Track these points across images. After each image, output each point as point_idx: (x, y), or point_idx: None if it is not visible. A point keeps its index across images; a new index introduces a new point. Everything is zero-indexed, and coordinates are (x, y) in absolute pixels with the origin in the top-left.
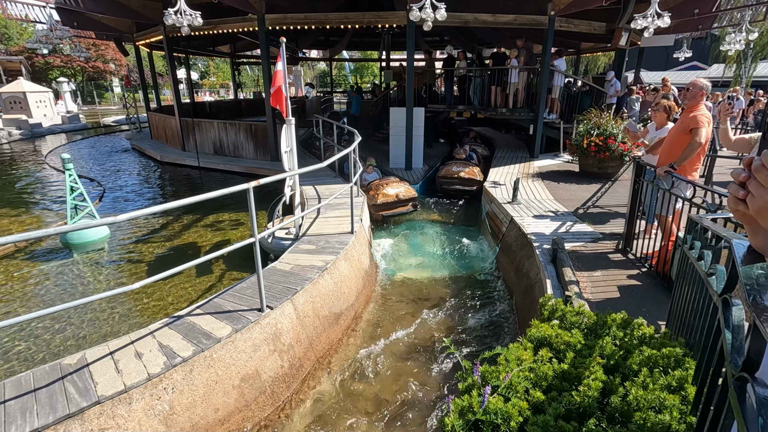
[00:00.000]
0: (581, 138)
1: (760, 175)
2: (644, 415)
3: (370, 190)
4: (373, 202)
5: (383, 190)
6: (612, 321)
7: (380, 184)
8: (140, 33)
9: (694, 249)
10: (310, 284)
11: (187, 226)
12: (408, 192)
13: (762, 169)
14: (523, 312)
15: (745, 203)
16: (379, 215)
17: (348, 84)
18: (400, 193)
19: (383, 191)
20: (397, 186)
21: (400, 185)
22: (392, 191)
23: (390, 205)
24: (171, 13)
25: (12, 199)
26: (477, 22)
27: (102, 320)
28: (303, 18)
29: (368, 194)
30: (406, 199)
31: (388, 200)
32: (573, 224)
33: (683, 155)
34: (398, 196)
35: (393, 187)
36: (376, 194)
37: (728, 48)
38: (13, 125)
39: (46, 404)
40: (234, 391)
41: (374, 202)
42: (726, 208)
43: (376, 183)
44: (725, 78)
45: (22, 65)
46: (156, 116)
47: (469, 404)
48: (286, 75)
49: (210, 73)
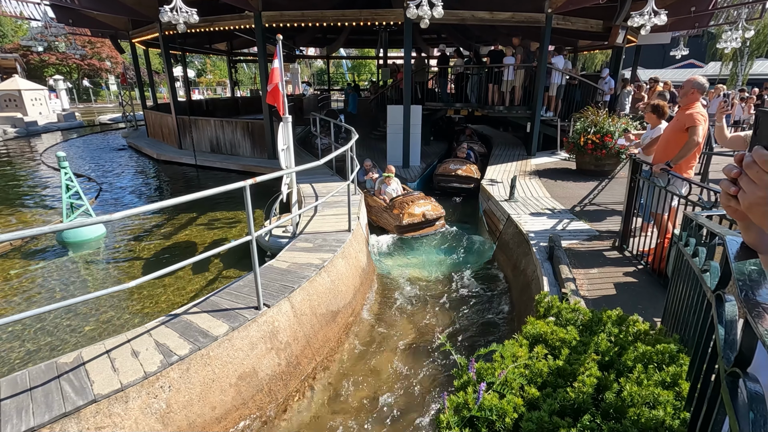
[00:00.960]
0: (578, 136)
1: (750, 171)
2: (638, 410)
3: (394, 207)
4: (398, 223)
5: (408, 209)
6: (607, 318)
7: (404, 202)
8: (136, 30)
9: (689, 246)
10: (308, 282)
11: (184, 224)
12: (436, 210)
13: (753, 165)
14: (520, 309)
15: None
16: (404, 236)
17: (345, 82)
18: (427, 212)
19: (409, 210)
20: (423, 203)
21: (426, 202)
22: (418, 210)
23: (416, 226)
24: (167, 10)
25: (7, 197)
26: (474, 19)
27: (98, 318)
28: (300, 15)
29: (391, 212)
30: (433, 218)
31: (414, 220)
32: (570, 222)
33: (680, 153)
34: (425, 215)
35: (419, 204)
36: (401, 214)
37: (725, 46)
38: (8, 123)
39: (42, 403)
40: (231, 389)
41: (399, 222)
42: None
43: (399, 200)
44: (722, 76)
45: (17, 63)
46: (152, 114)
47: (465, 401)
48: (282, 73)
49: (207, 71)
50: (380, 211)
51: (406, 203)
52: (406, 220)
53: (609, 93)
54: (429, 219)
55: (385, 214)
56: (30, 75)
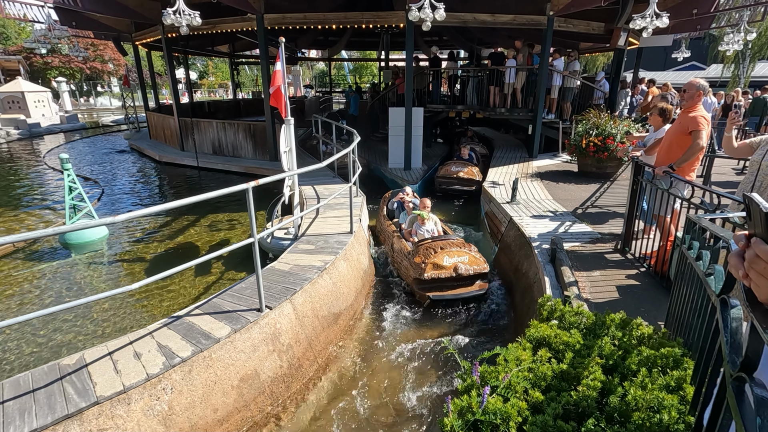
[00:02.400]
0: (580, 138)
1: (757, 266)
2: (643, 415)
3: (417, 254)
4: (418, 275)
5: (434, 258)
6: (611, 321)
7: (431, 247)
8: (139, 33)
9: (692, 249)
10: (309, 284)
11: (186, 226)
12: (475, 263)
13: (758, 261)
14: (522, 311)
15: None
16: (424, 296)
17: (347, 84)
18: (462, 265)
19: (434, 259)
20: (458, 252)
21: (463, 251)
22: (449, 261)
23: (443, 284)
24: (170, 13)
25: (10, 199)
26: (476, 22)
27: (100, 320)
28: (302, 18)
29: (412, 260)
30: (469, 275)
31: (441, 275)
32: (572, 224)
33: (684, 157)
34: (458, 269)
35: (452, 253)
36: (424, 264)
37: (726, 48)
38: (12, 125)
39: (45, 405)
40: (233, 391)
41: (419, 275)
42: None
43: (426, 244)
44: (723, 78)
45: (20, 65)
46: (155, 116)
47: (469, 404)
48: (285, 75)
49: (209, 73)
50: (402, 256)
51: (433, 249)
52: (429, 273)
53: (604, 96)
54: (463, 275)
55: (406, 261)
56: (33, 77)
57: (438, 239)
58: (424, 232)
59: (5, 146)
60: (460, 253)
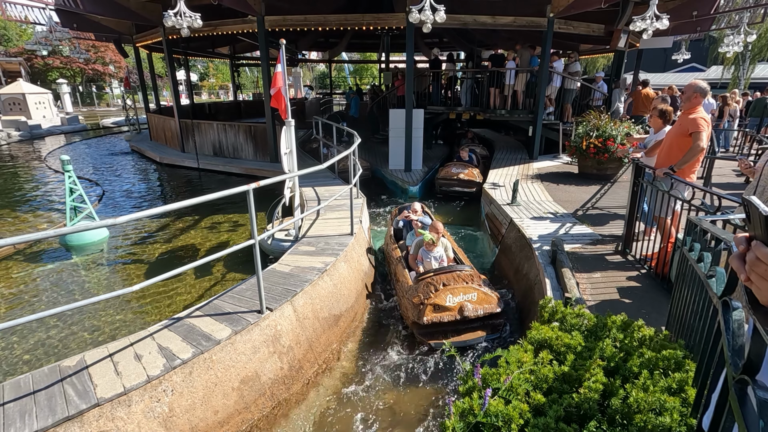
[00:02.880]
0: (580, 139)
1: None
2: (645, 417)
3: (417, 291)
4: (417, 319)
5: (436, 297)
6: (612, 323)
7: (433, 282)
8: (140, 34)
9: (693, 251)
10: (310, 286)
11: (187, 227)
12: (485, 302)
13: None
14: (523, 313)
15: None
16: (424, 342)
17: (347, 85)
18: (469, 305)
19: (436, 299)
20: (465, 289)
21: (471, 287)
22: (453, 300)
23: (446, 328)
24: (171, 15)
25: (11, 200)
26: (476, 23)
27: (101, 322)
28: (302, 20)
29: (411, 300)
30: (477, 316)
31: (444, 318)
32: (572, 226)
33: (684, 158)
34: (464, 310)
35: (458, 290)
36: (423, 305)
37: (726, 50)
38: (13, 126)
39: (45, 406)
40: (233, 393)
41: (418, 318)
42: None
43: (427, 280)
44: (724, 80)
45: (21, 66)
46: (155, 117)
47: (470, 406)
48: (285, 77)
49: (209, 75)
50: (403, 291)
51: (434, 287)
52: (428, 317)
53: (602, 98)
54: (470, 318)
55: (405, 299)
56: (34, 79)
57: (442, 272)
58: (431, 259)
59: (6, 148)
60: (467, 289)
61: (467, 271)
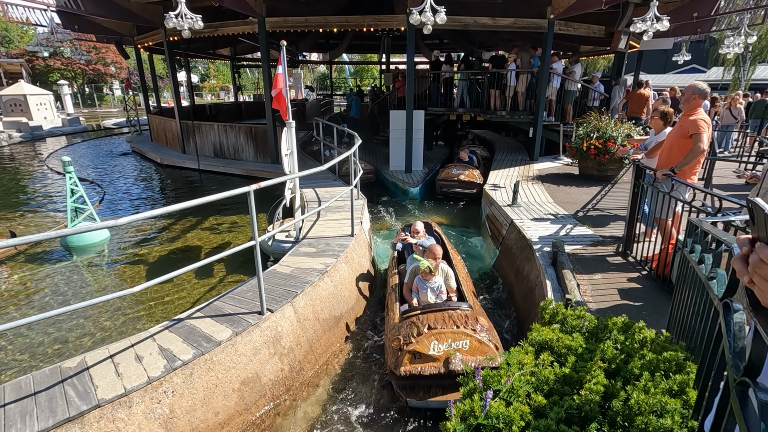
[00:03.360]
0: (581, 141)
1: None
2: (646, 419)
3: (397, 333)
4: (393, 367)
5: (414, 344)
6: (613, 324)
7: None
8: (141, 36)
9: (694, 252)
10: (310, 287)
11: (187, 228)
12: (480, 351)
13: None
14: (524, 315)
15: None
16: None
17: (347, 86)
18: (458, 354)
19: (418, 345)
20: (455, 334)
21: (463, 331)
22: (439, 348)
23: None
24: (172, 16)
25: (12, 201)
26: (477, 25)
27: (101, 323)
28: (303, 21)
29: (390, 344)
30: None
31: (423, 371)
32: (573, 227)
33: (685, 160)
34: (450, 363)
35: (444, 335)
36: (401, 351)
37: (727, 51)
38: (14, 128)
39: (46, 408)
40: (234, 394)
41: (395, 366)
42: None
43: (412, 319)
44: (724, 81)
45: (22, 68)
46: (156, 119)
47: (471, 408)
48: (286, 78)
49: (210, 76)
50: (388, 327)
51: (417, 328)
52: (405, 368)
53: (599, 98)
54: (457, 372)
55: (386, 339)
56: (35, 80)
57: (431, 309)
58: (427, 290)
59: (7, 149)
60: (458, 335)
61: (463, 310)
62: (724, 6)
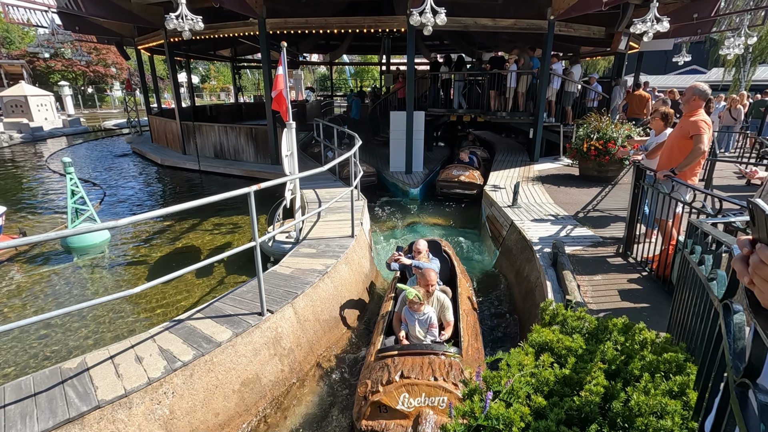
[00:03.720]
0: (581, 142)
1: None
2: (646, 420)
3: (367, 376)
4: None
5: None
6: (613, 326)
7: (388, 367)
8: (141, 37)
9: (694, 253)
10: (311, 288)
11: (188, 229)
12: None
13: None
14: (524, 316)
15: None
16: None
17: (348, 87)
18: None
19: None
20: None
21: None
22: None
23: None
24: (173, 18)
25: (13, 202)
26: (477, 26)
27: (102, 324)
28: (304, 22)
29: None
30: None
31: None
32: (573, 228)
33: (686, 161)
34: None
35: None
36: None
37: (727, 52)
38: (15, 128)
39: (46, 408)
40: (234, 395)
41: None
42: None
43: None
44: (725, 82)
45: (23, 69)
46: (156, 120)
47: (471, 409)
48: (287, 79)
49: (211, 77)
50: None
51: (389, 373)
52: (365, 423)
53: (597, 99)
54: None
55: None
56: (36, 81)
57: (408, 352)
58: (415, 323)
59: (8, 150)
60: (434, 390)
61: (448, 356)
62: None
